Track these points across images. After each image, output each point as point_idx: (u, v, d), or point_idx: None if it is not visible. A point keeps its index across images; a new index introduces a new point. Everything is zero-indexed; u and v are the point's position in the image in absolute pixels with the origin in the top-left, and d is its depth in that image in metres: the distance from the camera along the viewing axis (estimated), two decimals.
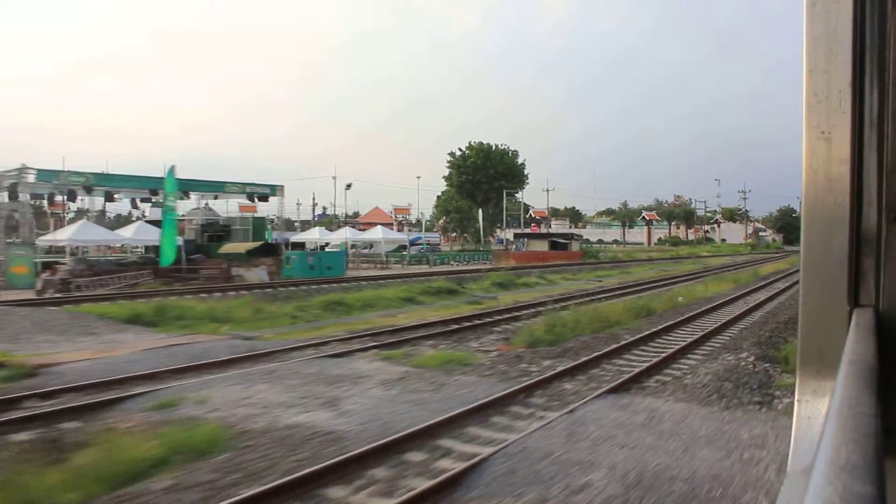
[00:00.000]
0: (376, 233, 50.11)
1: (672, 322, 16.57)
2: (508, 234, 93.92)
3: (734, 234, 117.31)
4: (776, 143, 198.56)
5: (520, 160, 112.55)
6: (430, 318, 16.38)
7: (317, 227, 56.80)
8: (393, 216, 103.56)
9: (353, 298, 18.99)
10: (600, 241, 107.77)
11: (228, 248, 30.62)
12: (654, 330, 15.07)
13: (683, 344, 13.36)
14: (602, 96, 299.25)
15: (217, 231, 36.38)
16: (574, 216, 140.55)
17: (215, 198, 40.47)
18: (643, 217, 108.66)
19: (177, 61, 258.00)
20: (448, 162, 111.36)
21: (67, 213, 55.60)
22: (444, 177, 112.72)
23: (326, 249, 60.63)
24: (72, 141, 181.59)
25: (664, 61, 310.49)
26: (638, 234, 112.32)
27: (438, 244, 76.36)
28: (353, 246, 64.18)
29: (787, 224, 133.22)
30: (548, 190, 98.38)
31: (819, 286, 1.08)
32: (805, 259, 1.08)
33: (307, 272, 31.66)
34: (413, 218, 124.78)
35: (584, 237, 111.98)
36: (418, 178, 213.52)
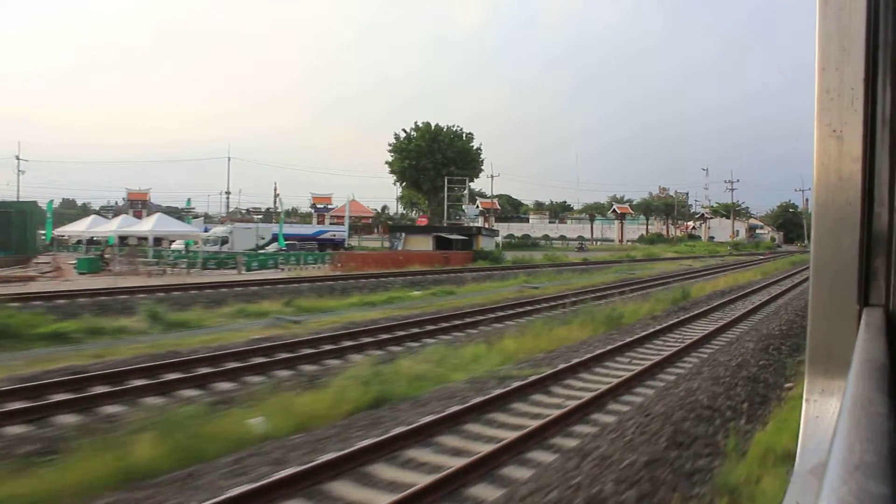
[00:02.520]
0: (148, 223, 34.84)
1: None
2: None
3: (725, 230, 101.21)
4: (785, 139, 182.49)
5: (475, 144, 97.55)
6: None
7: (91, 217, 41.60)
8: (313, 205, 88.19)
9: None
10: (562, 238, 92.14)
11: None
12: None
13: None
14: (604, 94, 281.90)
15: None
16: (562, 210, 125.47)
17: None
18: (614, 210, 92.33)
19: (178, 56, 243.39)
20: (390, 145, 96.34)
21: None
22: (386, 162, 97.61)
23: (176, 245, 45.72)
24: (73, 135, 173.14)
25: (669, 60, 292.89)
26: (626, 230, 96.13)
27: (344, 240, 61.07)
28: (207, 241, 49.44)
29: (787, 221, 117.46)
30: (492, 176, 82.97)
31: (829, 285, 1.06)
32: (815, 258, 1.06)
33: None
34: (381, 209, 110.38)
35: (544, 233, 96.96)
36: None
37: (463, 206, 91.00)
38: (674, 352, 12.02)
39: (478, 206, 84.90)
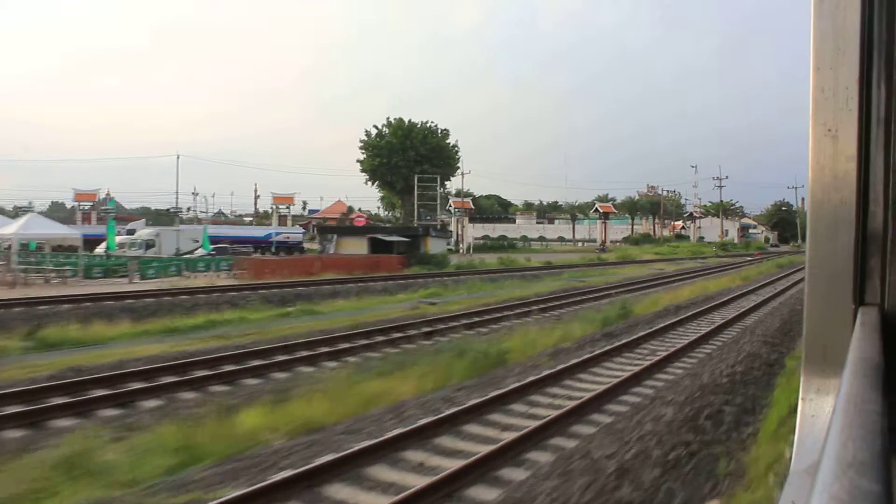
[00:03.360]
0: (14, 226, 29.64)
1: None
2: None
3: (716, 230, 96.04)
4: (784, 140, 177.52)
5: (451, 141, 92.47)
6: None
7: None
8: (275, 208, 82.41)
9: None
10: (542, 239, 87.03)
11: None
12: None
13: None
14: (601, 94, 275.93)
15: None
16: (552, 211, 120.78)
17: None
18: (596, 209, 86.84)
19: (178, 57, 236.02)
20: (361, 142, 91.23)
21: None
22: (357, 160, 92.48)
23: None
24: (73, 136, 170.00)
25: (666, 61, 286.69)
26: (611, 230, 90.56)
27: (300, 242, 56.14)
28: (140, 244, 44.49)
29: (781, 220, 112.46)
30: (463, 173, 78.01)
31: (824, 284, 1.05)
32: (811, 257, 1.05)
33: None
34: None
35: (524, 234, 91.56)
36: None
37: (448, 207, 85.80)
38: (525, 433, 6.86)
39: (450, 207, 79.44)
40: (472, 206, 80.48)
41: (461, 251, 67.64)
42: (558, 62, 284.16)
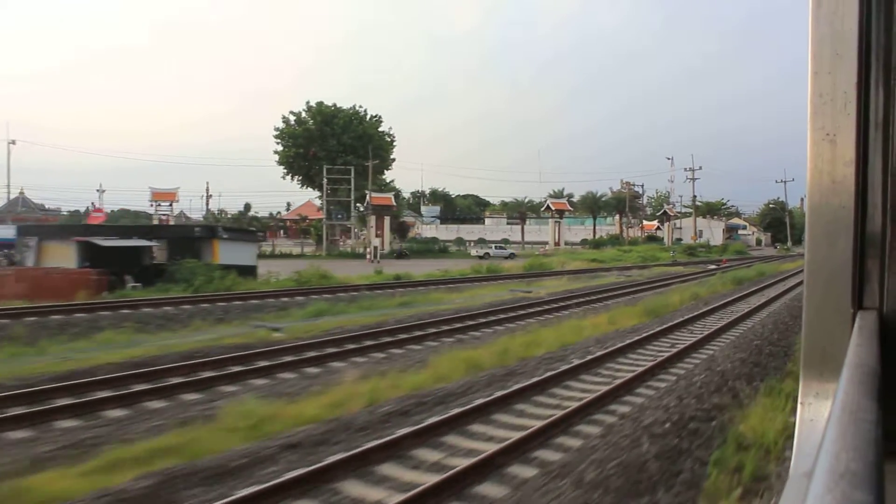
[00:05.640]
0: None
1: None
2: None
3: (702, 230, 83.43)
4: (784, 141, 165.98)
5: (384, 128, 79.28)
6: None
7: None
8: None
9: None
10: (481, 241, 74.01)
11: None
12: None
13: None
14: (599, 96, 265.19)
15: None
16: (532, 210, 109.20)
17: None
18: (548, 207, 73.77)
19: (177, 59, 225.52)
20: (277, 130, 78.01)
21: None
22: (274, 151, 79.15)
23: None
24: (71, 139, 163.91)
25: (667, 63, 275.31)
26: (581, 232, 78.13)
27: None
28: None
29: (774, 220, 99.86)
30: (371, 163, 65.17)
31: (823, 288, 1.05)
32: (809, 261, 1.05)
33: None
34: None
35: (491, 235, 78.86)
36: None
37: (358, 206, 72.23)
38: None
39: (360, 207, 66.18)
40: (394, 204, 67.43)
41: (368, 258, 54.97)
42: (555, 65, 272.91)
